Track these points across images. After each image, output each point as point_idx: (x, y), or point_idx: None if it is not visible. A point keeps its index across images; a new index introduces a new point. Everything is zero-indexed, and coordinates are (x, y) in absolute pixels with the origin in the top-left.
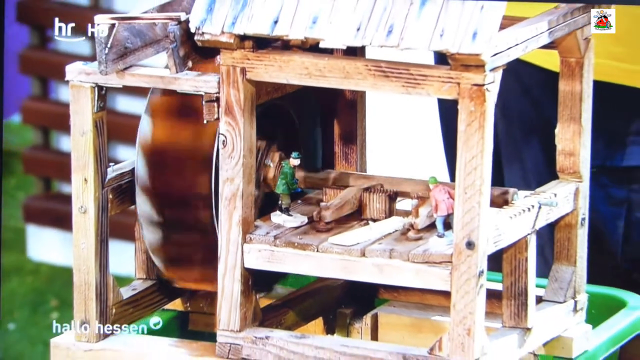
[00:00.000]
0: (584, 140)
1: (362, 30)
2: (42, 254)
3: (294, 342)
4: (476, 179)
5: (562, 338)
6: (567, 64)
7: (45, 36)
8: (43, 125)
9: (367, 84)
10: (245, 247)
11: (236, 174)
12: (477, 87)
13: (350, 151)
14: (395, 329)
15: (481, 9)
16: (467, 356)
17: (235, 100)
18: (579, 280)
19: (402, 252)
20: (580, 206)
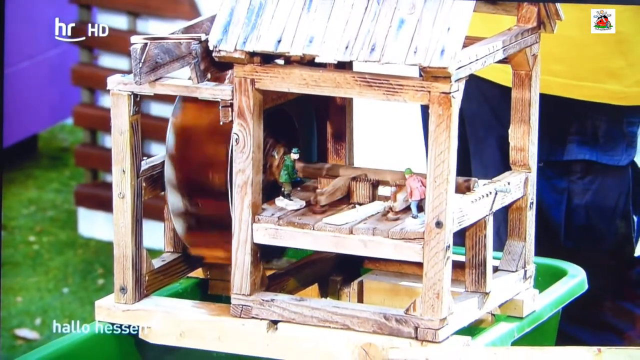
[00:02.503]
0: (532, 138)
1: (350, 48)
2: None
3: (294, 304)
4: (444, 170)
5: (514, 301)
6: (518, 75)
7: (93, 55)
8: (91, 126)
9: (354, 92)
10: (255, 226)
11: (247, 166)
12: (444, 94)
13: (340, 147)
14: (377, 293)
15: (447, 30)
16: (436, 315)
17: (246, 106)
18: (528, 253)
19: (383, 230)
20: (529, 192)
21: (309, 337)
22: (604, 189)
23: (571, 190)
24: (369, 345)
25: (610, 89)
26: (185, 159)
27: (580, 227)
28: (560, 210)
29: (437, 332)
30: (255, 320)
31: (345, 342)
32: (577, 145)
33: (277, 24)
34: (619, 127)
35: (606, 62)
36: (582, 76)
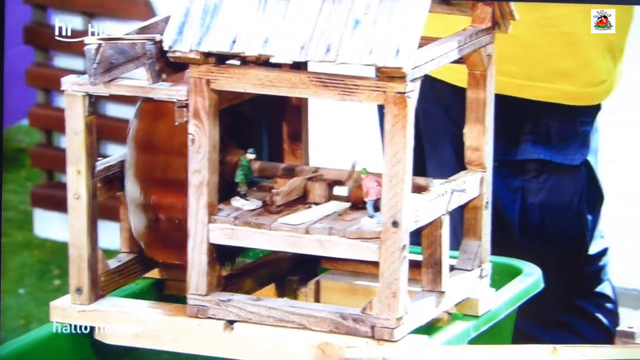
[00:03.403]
0: (488, 138)
1: (306, 48)
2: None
3: (251, 304)
4: (400, 170)
5: (471, 299)
6: (473, 75)
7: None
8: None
9: (309, 92)
10: (211, 226)
11: (203, 166)
12: (399, 94)
13: (297, 147)
14: (334, 292)
15: (402, 30)
16: (392, 314)
17: (201, 106)
18: (484, 252)
19: (339, 230)
20: (484, 192)
21: (266, 337)
22: (558, 188)
23: (525, 189)
24: (325, 344)
25: (562, 89)
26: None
27: (535, 226)
28: (515, 209)
29: (394, 331)
30: (212, 320)
31: (302, 342)
32: (531, 144)
33: (232, 24)
34: (572, 126)
35: (558, 63)
36: (535, 77)
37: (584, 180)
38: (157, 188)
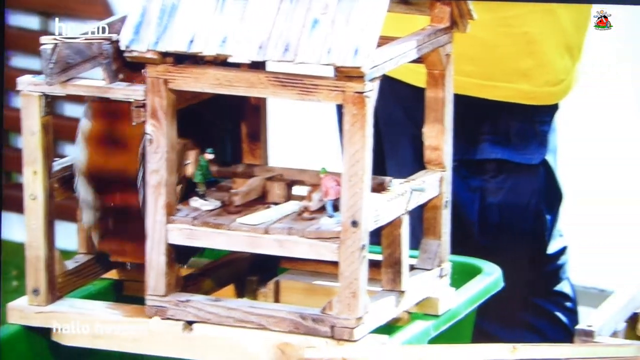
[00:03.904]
0: (447, 138)
1: (264, 48)
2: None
3: (210, 305)
4: (359, 170)
5: (431, 299)
6: (432, 75)
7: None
8: None
9: (268, 92)
10: (169, 226)
11: (160, 166)
12: (358, 94)
13: (256, 147)
14: (294, 292)
15: (361, 30)
16: (352, 314)
17: (159, 106)
18: (444, 251)
19: (298, 230)
20: (444, 191)
21: (225, 337)
22: (517, 187)
23: (485, 189)
24: (285, 344)
25: (521, 89)
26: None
27: (494, 225)
28: (474, 208)
29: (354, 331)
30: (171, 321)
31: (261, 342)
32: (490, 144)
33: (190, 24)
34: (530, 126)
35: (516, 62)
36: (493, 76)
37: (542, 180)
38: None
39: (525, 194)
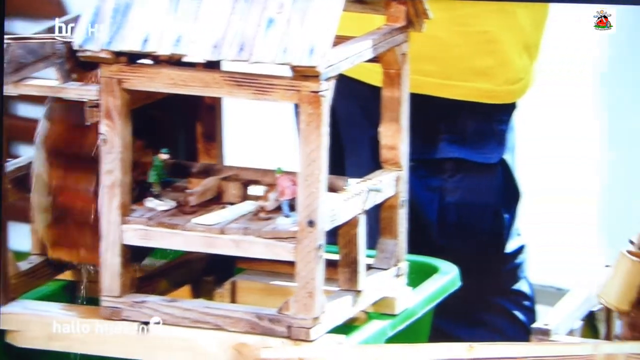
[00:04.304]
0: (403, 137)
1: (219, 47)
2: None
3: (165, 305)
4: (315, 169)
5: (387, 298)
6: (388, 74)
7: None
8: None
9: (223, 91)
10: (124, 227)
11: (115, 166)
12: (314, 93)
13: (211, 147)
14: (250, 293)
15: (316, 29)
16: (309, 314)
17: (113, 106)
18: (401, 250)
19: (254, 230)
20: (400, 190)
21: (181, 338)
22: (475, 187)
23: (443, 189)
24: (241, 345)
25: (480, 87)
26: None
27: (453, 225)
28: (433, 208)
29: (310, 331)
30: (126, 322)
31: (217, 343)
32: (448, 143)
33: (144, 23)
34: (489, 125)
35: (475, 61)
36: (452, 75)
37: (500, 179)
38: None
39: (483, 193)
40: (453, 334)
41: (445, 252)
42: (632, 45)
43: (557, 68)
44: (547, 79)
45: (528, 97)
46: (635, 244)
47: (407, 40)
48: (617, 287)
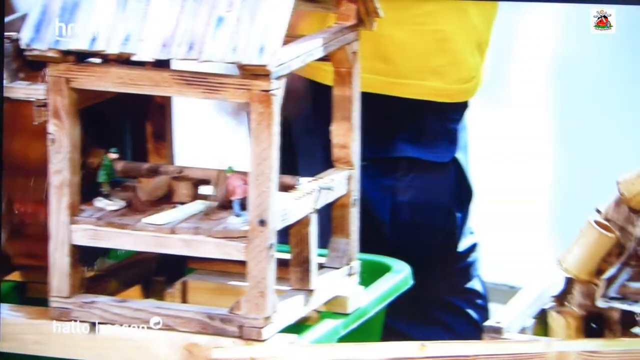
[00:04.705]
0: (354, 136)
1: (168, 46)
2: None
3: (115, 306)
4: (266, 168)
5: (340, 297)
6: (339, 73)
7: None
8: None
9: (172, 90)
10: (73, 227)
11: (63, 166)
12: (264, 92)
13: (161, 146)
14: (201, 293)
15: (266, 28)
16: (261, 313)
17: (61, 105)
18: (353, 249)
19: (205, 229)
20: (352, 189)
21: (131, 338)
22: (428, 186)
23: (396, 188)
24: (192, 345)
25: (433, 86)
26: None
27: (406, 224)
28: (386, 207)
29: (262, 331)
30: (76, 322)
31: (168, 343)
32: (400, 142)
33: (92, 22)
34: (441, 124)
35: (429, 60)
36: (406, 74)
37: (453, 178)
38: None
39: (436, 192)
40: (406, 333)
41: (398, 251)
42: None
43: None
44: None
45: (479, 96)
46: (602, 214)
47: (358, 39)
48: (579, 255)
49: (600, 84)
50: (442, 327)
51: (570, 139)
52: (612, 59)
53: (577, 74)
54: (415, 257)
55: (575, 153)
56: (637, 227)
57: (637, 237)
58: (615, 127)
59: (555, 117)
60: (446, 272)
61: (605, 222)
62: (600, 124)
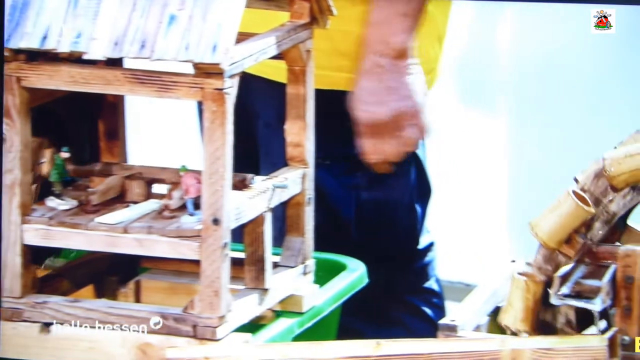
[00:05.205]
0: (309, 134)
1: (120, 44)
2: None
3: (68, 306)
4: (219, 167)
5: (295, 296)
6: (292, 71)
7: None
8: None
9: (125, 89)
10: (24, 227)
11: (14, 165)
12: (217, 91)
13: (114, 145)
14: (155, 292)
15: (219, 26)
16: (215, 313)
17: (12, 104)
18: (307, 248)
19: (158, 228)
20: (306, 188)
21: (84, 339)
22: (390, 182)
23: (359, 186)
24: (146, 345)
25: None
26: None
27: (370, 222)
28: (350, 206)
29: (216, 330)
30: (28, 323)
31: (121, 343)
32: None
33: (43, 20)
34: None
35: None
36: None
37: (414, 174)
38: None
39: (397, 188)
40: (366, 332)
41: (362, 250)
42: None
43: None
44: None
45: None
46: (579, 183)
47: (312, 37)
48: (551, 223)
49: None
50: (399, 326)
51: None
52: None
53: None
54: (378, 256)
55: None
56: (613, 203)
57: (612, 212)
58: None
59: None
60: (405, 271)
61: (582, 193)
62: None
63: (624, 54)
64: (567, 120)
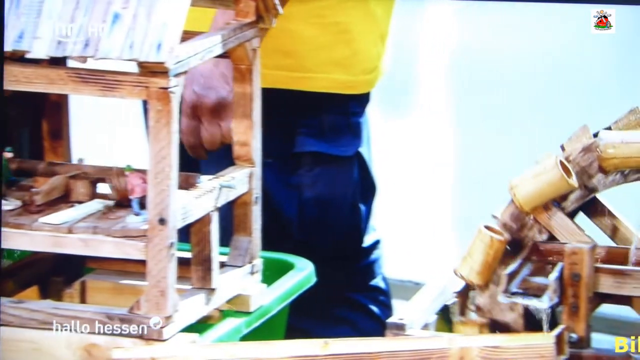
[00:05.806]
0: (255, 133)
1: (63, 43)
2: None
3: (12, 307)
4: (165, 166)
5: (242, 296)
6: (239, 70)
7: None
8: None
9: (68, 88)
10: None
11: None
12: (162, 90)
13: (58, 145)
14: (100, 292)
15: (163, 24)
16: (161, 313)
17: None
18: (255, 248)
19: (104, 228)
20: (254, 187)
21: (29, 340)
22: (333, 180)
23: (302, 184)
24: (91, 345)
25: (337, 78)
26: None
27: (312, 220)
28: (293, 205)
29: (163, 330)
30: None
31: (66, 344)
32: (305, 137)
33: None
34: (345, 118)
35: (331, 52)
36: (309, 68)
37: (357, 172)
38: None
39: (340, 186)
40: (313, 331)
41: (305, 249)
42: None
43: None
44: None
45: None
46: (565, 151)
47: (258, 36)
48: (531, 189)
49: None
50: (346, 325)
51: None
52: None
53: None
54: (321, 255)
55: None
56: (594, 179)
57: (591, 188)
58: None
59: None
60: (351, 270)
61: (567, 164)
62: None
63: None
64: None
